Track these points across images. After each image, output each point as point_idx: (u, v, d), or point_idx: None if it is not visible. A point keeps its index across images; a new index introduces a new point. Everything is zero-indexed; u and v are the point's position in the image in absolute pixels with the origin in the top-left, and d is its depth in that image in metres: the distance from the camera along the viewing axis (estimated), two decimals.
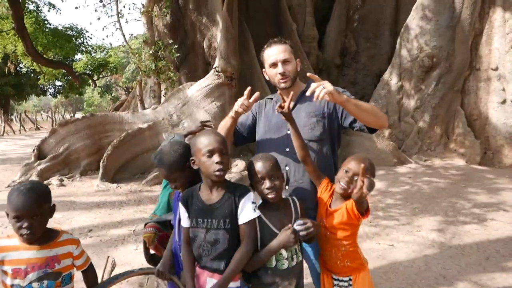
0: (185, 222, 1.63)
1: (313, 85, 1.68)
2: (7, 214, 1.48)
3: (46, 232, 1.55)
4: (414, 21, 9.05)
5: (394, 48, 9.81)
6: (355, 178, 1.69)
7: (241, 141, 2.20)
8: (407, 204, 5.41)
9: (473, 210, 5.04)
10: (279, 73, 1.96)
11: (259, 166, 1.66)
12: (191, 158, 1.62)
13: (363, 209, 1.66)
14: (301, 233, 1.59)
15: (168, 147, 1.80)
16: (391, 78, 9.45)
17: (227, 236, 1.54)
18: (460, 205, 5.32)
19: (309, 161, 1.83)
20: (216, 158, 1.51)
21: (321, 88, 1.65)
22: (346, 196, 1.75)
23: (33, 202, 1.46)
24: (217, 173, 1.51)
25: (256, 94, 1.95)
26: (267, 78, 2.10)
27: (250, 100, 1.92)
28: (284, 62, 1.96)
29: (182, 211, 1.62)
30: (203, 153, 1.54)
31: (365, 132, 1.95)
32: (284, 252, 1.61)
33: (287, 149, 1.95)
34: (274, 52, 1.98)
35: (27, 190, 1.46)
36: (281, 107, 1.78)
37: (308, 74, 1.74)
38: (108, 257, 2.72)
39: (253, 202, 1.58)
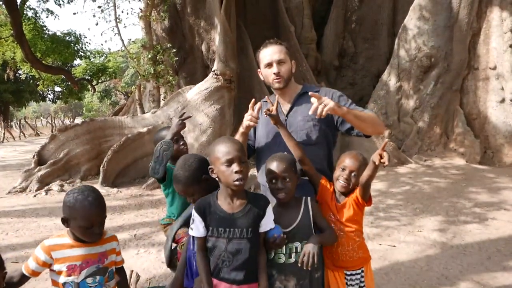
0: (201, 232, 1.57)
1: (314, 104, 1.72)
2: (65, 220, 1.54)
3: None
4: (411, 21, 9.08)
5: (392, 48, 9.83)
6: (353, 174, 1.78)
7: (253, 152, 2.20)
8: (408, 205, 5.41)
9: (474, 210, 5.04)
10: (274, 73, 1.99)
11: (274, 166, 1.70)
12: (209, 167, 1.59)
13: (367, 197, 1.76)
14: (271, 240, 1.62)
15: (182, 162, 1.79)
16: (390, 78, 9.46)
17: (249, 246, 1.54)
18: (461, 204, 5.32)
19: (306, 161, 1.84)
20: (235, 167, 1.49)
21: (322, 106, 1.70)
22: (346, 192, 1.83)
23: (103, 209, 1.57)
24: (237, 182, 1.49)
25: (259, 104, 1.99)
26: (261, 78, 2.13)
27: (255, 111, 1.94)
28: (279, 62, 2.00)
29: (198, 220, 1.56)
30: (222, 162, 1.51)
31: (362, 137, 2.01)
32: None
33: (286, 152, 1.95)
34: (269, 53, 2.02)
35: (94, 199, 1.53)
36: (269, 110, 1.82)
37: (310, 93, 1.77)
38: (132, 271, 2.83)
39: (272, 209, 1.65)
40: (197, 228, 1.56)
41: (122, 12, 25.55)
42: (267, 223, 1.59)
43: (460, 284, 3.00)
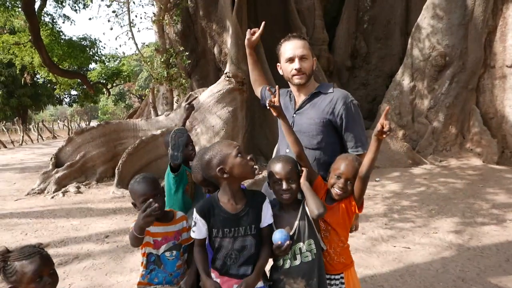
0: (203, 234, 1.63)
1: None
2: (133, 204, 1.85)
3: (165, 213, 1.89)
4: (425, 20, 8.96)
5: (405, 48, 9.72)
6: (348, 182, 1.74)
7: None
8: (423, 206, 5.33)
9: (492, 211, 4.94)
10: (295, 69, 1.92)
11: (278, 167, 1.71)
12: (219, 167, 1.58)
13: (360, 201, 1.74)
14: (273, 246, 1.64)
15: (203, 152, 1.83)
16: (403, 78, 9.35)
17: (254, 241, 1.61)
18: (478, 205, 5.22)
19: (303, 157, 1.82)
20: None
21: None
22: (342, 199, 1.80)
23: (156, 183, 1.84)
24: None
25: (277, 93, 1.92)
26: (281, 72, 2.06)
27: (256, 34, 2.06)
28: (302, 58, 1.93)
29: (201, 223, 1.61)
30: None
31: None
32: None
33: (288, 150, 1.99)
34: (292, 47, 1.94)
35: (146, 177, 1.83)
36: (272, 101, 1.75)
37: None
38: None
39: (269, 204, 1.69)
40: (200, 230, 1.62)
41: (136, 16, 25.93)
42: (266, 218, 1.65)
43: (477, 287, 2.95)
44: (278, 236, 1.62)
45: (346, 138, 1.96)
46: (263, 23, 2.14)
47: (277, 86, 1.84)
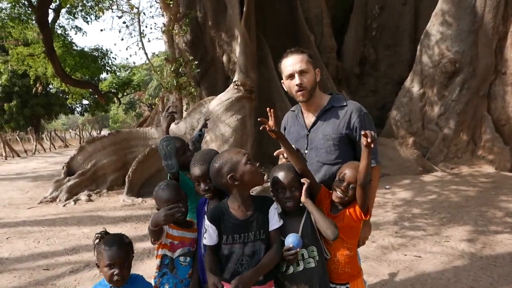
0: (213, 240, 1.63)
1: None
2: (157, 209, 1.84)
3: (185, 220, 1.93)
4: (434, 27, 8.93)
5: (414, 55, 9.67)
6: (350, 186, 1.76)
7: None
8: (434, 214, 5.26)
9: (505, 219, 4.84)
10: (296, 85, 1.90)
11: (281, 176, 1.74)
12: (230, 175, 1.60)
13: (365, 208, 1.74)
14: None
15: (207, 150, 1.86)
16: (413, 85, 9.30)
17: (263, 246, 1.63)
18: (491, 213, 5.13)
19: (308, 174, 1.81)
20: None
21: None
22: (343, 204, 1.80)
23: (179, 189, 1.88)
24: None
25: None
26: (285, 89, 2.05)
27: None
28: (301, 73, 1.90)
29: (212, 229, 1.63)
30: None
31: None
32: None
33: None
34: (290, 63, 1.92)
35: (170, 184, 1.89)
36: (269, 125, 1.71)
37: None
38: None
39: (276, 209, 1.70)
40: (211, 236, 1.63)
41: (146, 27, 26.42)
42: (272, 221, 1.66)
43: None
44: (291, 239, 1.65)
45: (359, 150, 1.93)
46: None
47: (272, 110, 1.91)
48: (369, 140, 1.60)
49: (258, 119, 1.90)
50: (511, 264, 3.48)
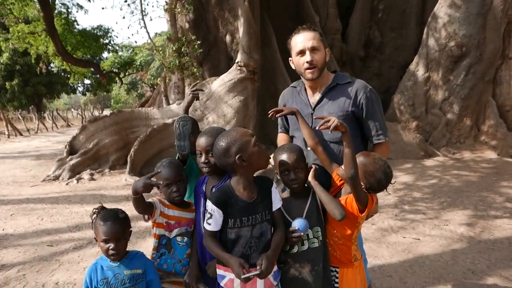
0: (219, 225, 1.56)
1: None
2: (157, 187, 1.78)
3: (184, 201, 1.92)
4: (442, 9, 8.74)
5: (420, 38, 9.51)
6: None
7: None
8: (435, 198, 5.29)
9: (505, 204, 4.87)
10: (307, 62, 1.87)
11: (284, 157, 1.73)
12: (238, 155, 1.55)
13: (362, 205, 1.65)
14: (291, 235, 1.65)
15: (217, 126, 1.83)
16: (418, 69, 9.19)
17: (270, 226, 1.62)
18: (491, 199, 5.15)
19: (319, 150, 1.81)
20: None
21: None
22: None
23: (180, 170, 1.88)
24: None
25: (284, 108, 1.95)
26: (293, 67, 2.00)
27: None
28: (313, 50, 1.86)
29: (218, 214, 1.54)
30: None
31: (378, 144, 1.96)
32: None
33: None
34: (302, 39, 1.88)
35: (172, 162, 1.88)
36: (278, 111, 1.79)
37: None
38: None
39: (276, 188, 1.68)
40: (216, 222, 1.55)
41: (148, 5, 25.88)
42: (275, 201, 1.65)
43: (487, 279, 2.93)
44: (298, 223, 1.65)
45: (367, 126, 1.94)
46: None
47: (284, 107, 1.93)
48: (329, 124, 1.58)
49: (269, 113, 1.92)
50: (509, 248, 3.52)
